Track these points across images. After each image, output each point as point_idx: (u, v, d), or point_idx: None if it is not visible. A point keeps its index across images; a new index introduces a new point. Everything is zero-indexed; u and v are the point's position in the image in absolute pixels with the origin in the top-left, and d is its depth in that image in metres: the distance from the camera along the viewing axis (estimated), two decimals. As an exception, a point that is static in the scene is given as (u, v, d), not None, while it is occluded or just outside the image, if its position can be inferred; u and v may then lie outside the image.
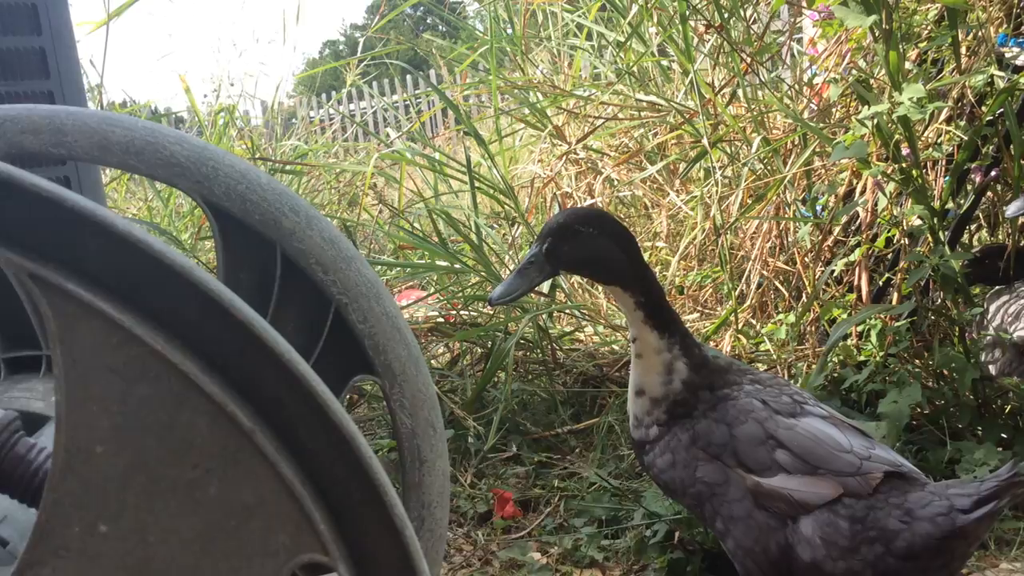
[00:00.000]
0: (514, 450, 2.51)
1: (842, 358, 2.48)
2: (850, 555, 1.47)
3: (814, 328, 2.75)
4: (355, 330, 1.12)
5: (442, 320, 3.17)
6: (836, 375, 2.40)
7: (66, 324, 0.55)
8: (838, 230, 2.79)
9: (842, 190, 2.75)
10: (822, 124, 2.78)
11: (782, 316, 2.87)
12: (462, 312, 3.17)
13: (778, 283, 2.97)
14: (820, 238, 2.81)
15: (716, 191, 3.04)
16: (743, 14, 3.18)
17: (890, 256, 2.59)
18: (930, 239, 2.35)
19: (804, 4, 2.29)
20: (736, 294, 2.97)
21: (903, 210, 2.44)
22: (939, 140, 2.49)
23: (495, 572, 2.03)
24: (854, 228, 2.72)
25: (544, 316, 2.91)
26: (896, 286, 2.54)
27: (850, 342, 2.53)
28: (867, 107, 2.21)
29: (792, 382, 1.71)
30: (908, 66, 2.42)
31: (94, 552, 0.55)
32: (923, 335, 2.48)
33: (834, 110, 2.87)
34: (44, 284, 0.54)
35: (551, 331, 2.98)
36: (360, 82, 5.62)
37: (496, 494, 2.29)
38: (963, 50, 2.45)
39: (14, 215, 0.55)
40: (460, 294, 3.18)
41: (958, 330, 2.40)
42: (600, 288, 3.51)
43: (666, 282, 3.46)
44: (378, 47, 5.03)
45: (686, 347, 1.62)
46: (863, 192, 2.65)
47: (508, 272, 3.07)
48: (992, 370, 2.47)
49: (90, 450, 0.55)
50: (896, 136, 2.28)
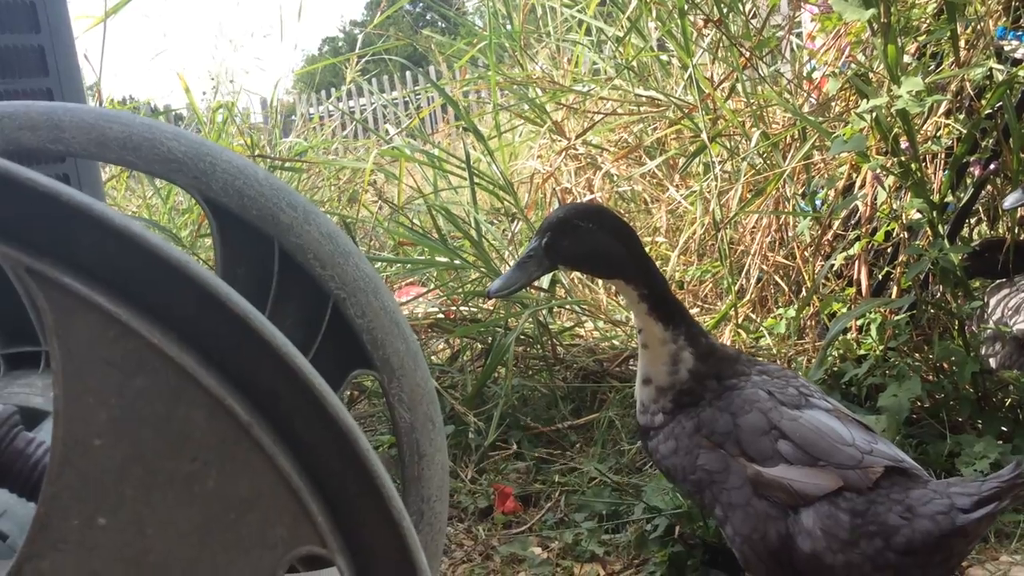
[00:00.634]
0: (515, 446, 2.52)
1: (842, 352, 2.48)
2: (850, 548, 1.48)
3: (814, 322, 2.76)
4: (353, 325, 1.12)
5: (442, 316, 3.17)
6: (836, 369, 2.41)
7: (63, 318, 0.55)
8: (837, 224, 2.79)
9: (841, 184, 2.75)
10: (821, 118, 2.78)
11: (782, 310, 2.87)
12: (462, 308, 3.17)
13: (778, 277, 2.97)
14: (819, 232, 2.81)
15: (715, 186, 3.04)
16: (742, 8, 3.18)
17: (889, 250, 2.59)
18: (929, 233, 2.35)
19: (803, -2, 2.30)
20: (736, 288, 2.97)
21: (902, 204, 2.44)
22: (938, 133, 2.49)
23: (496, 567, 2.03)
24: (853, 222, 2.72)
25: (544, 312, 2.91)
26: (896, 280, 2.54)
27: (850, 336, 2.53)
28: (866, 101, 2.21)
29: (800, 374, 1.71)
30: (907, 60, 2.42)
31: (93, 545, 0.55)
32: (923, 329, 2.48)
33: (833, 104, 2.87)
34: (41, 278, 0.55)
35: (551, 326, 2.98)
36: (359, 79, 5.62)
37: (497, 489, 2.29)
38: (962, 43, 2.45)
39: (10, 210, 0.55)
40: (460, 290, 3.18)
41: (958, 323, 2.40)
42: (600, 283, 3.52)
43: (666, 277, 3.46)
44: (377, 43, 5.03)
45: (691, 337, 1.63)
46: (862, 186, 2.65)
47: (508, 268, 3.08)
48: (992, 363, 2.47)
49: (88, 443, 0.55)
50: (895, 130, 2.28)
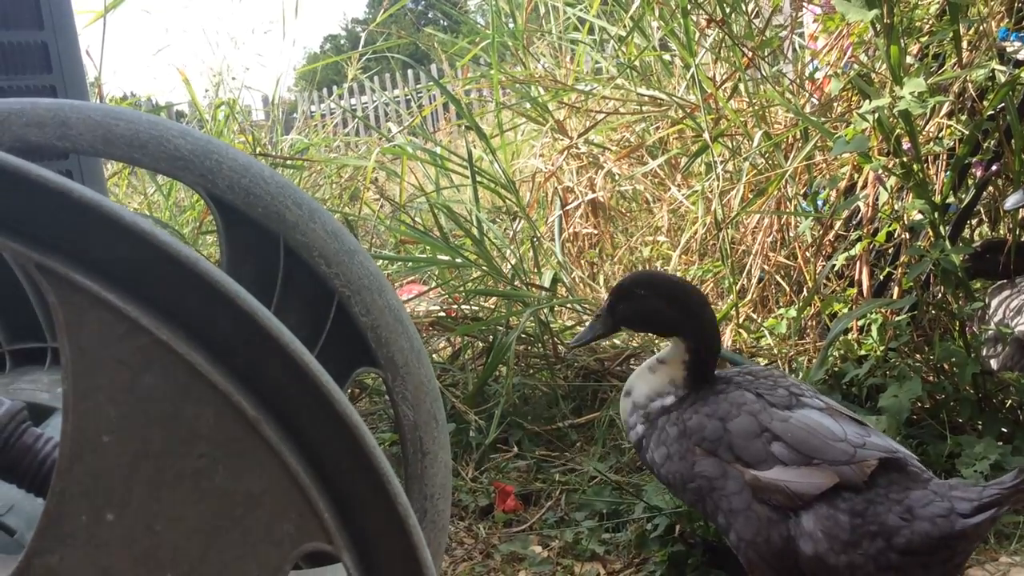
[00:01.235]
0: (515, 445, 2.52)
1: (843, 352, 2.49)
2: (851, 549, 1.49)
3: (815, 322, 2.76)
4: (358, 323, 1.13)
5: (443, 314, 3.17)
6: (837, 369, 2.41)
7: (73, 314, 0.55)
8: (839, 224, 2.79)
9: (843, 184, 2.75)
10: (823, 118, 2.78)
11: (783, 310, 2.87)
12: (463, 306, 3.18)
13: (779, 277, 2.98)
14: (821, 232, 2.81)
15: (717, 185, 3.04)
16: (745, 8, 3.18)
17: (891, 251, 2.59)
18: (931, 233, 2.35)
19: (806, -2, 2.30)
20: (737, 288, 2.98)
21: (904, 204, 2.44)
22: (940, 134, 2.50)
23: (496, 565, 2.03)
24: (855, 222, 2.72)
25: (545, 310, 2.91)
26: (897, 280, 2.54)
27: (851, 336, 2.53)
28: (868, 101, 2.21)
29: (790, 375, 1.74)
30: (909, 60, 2.42)
31: (101, 540, 0.56)
32: (924, 329, 2.48)
33: (835, 104, 2.88)
34: (52, 275, 0.55)
35: (552, 325, 2.98)
36: (361, 76, 5.62)
37: (497, 488, 2.29)
38: (964, 44, 2.45)
39: (21, 207, 0.56)
40: (461, 288, 3.18)
41: (959, 324, 2.41)
42: (602, 283, 3.53)
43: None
44: (379, 41, 5.03)
45: (693, 389, 1.72)
46: (864, 186, 2.65)
47: (509, 266, 3.10)
48: (993, 364, 2.47)
49: (97, 439, 0.55)
50: (897, 130, 2.28)
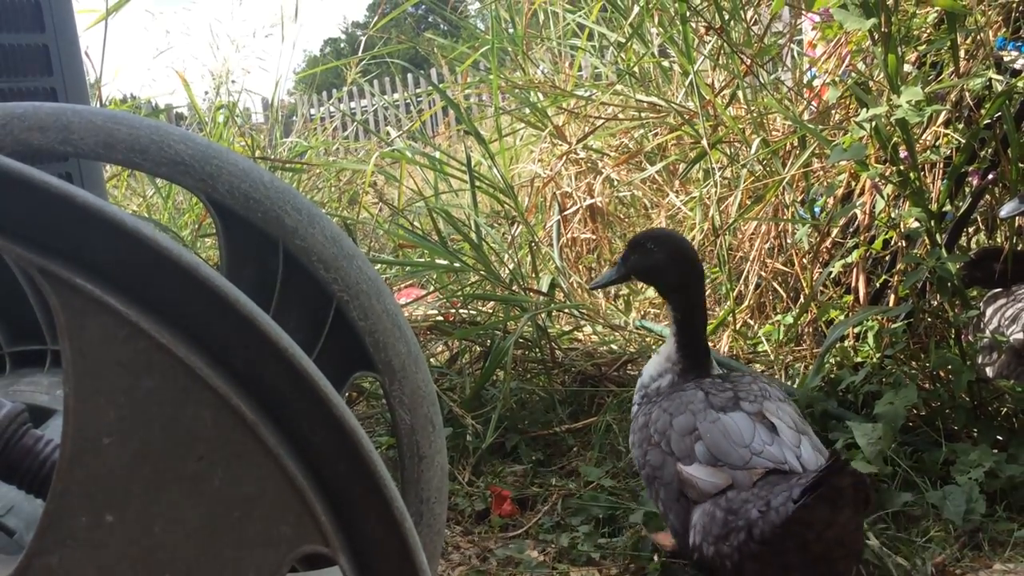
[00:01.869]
0: (512, 449, 2.52)
1: (839, 359, 2.49)
2: (721, 541, 1.63)
3: (811, 329, 2.77)
4: (356, 327, 1.13)
5: (441, 319, 3.18)
6: (833, 376, 2.42)
7: (75, 318, 0.56)
8: (836, 232, 2.80)
9: (840, 192, 2.76)
10: (821, 126, 2.79)
11: (780, 317, 2.88)
12: (461, 311, 3.18)
13: (776, 284, 2.98)
14: (818, 239, 2.82)
15: (715, 192, 3.05)
16: (743, 16, 3.20)
17: (887, 258, 2.60)
18: (927, 241, 2.36)
19: (804, 6, 2.30)
20: (734, 294, 2.98)
21: (901, 212, 2.45)
22: (937, 143, 2.51)
23: (492, 569, 2.04)
24: (852, 230, 2.73)
25: (543, 315, 2.92)
26: (893, 288, 2.55)
27: (847, 343, 2.54)
28: (866, 109, 2.22)
29: (787, 381, 1.79)
30: (907, 69, 2.43)
31: (100, 541, 0.56)
32: (920, 337, 2.49)
33: (833, 112, 2.89)
34: (54, 279, 0.56)
35: (550, 330, 2.99)
36: (361, 80, 5.63)
37: (494, 492, 2.30)
38: (962, 53, 2.46)
39: (25, 211, 0.56)
40: (459, 293, 3.19)
41: (954, 332, 2.41)
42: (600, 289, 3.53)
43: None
44: (379, 45, 5.04)
45: (686, 369, 1.87)
46: (861, 194, 2.66)
47: (507, 271, 3.11)
48: (989, 372, 2.48)
49: (97, 441, 0.56)
50: (894, 138, 2.29)
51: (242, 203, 1.08)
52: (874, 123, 2.23)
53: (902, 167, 2.29)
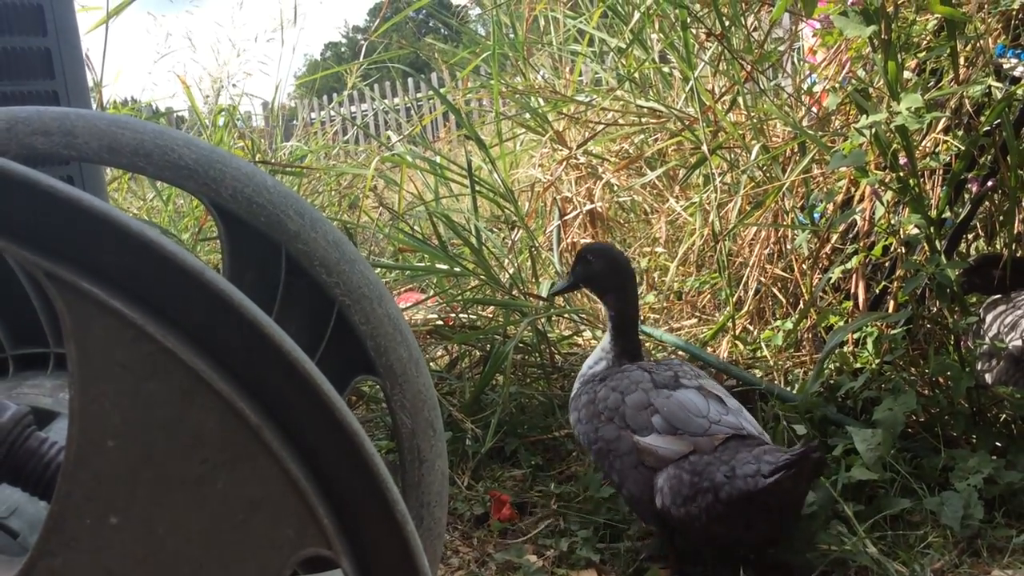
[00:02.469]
0: (512, 454, 2.53)
1: (838, 365, 2.50)
2: (689, 502, 1.77)
3: (811, 335, 2.77)
4: (357, 331, 1.14)
5: (441, 323, 3.18)
6: (832, 382, 2.42)
7: (80, 321, 0.56)
8: (836, 238, 2.81)
9: (840, 198, 2.77)
10: (821, 132, 2.80)
11: (779, 323, 2.89)
12: (461, 315, 3.18)
13: (776, 290, 2.99)
14: (818, 245, 2.83)
15: (715, 197, 3.06)
16: (744, 22, 3.20)
17: (887, 264, 2.61)
18: (927, 248, 2.36)
19: (804, 13, 2.31)
20: (734, 300, 2.99)
21: (900, 219, 2.45)
22: (936, 150, 2.51)
23: (491, 574, 2.04)
24: (851, 236, 2.74)
25: (543, 320, 2.92)
26: (893, 294, 2.55)
27: (846, 349, 2.54)
28: (865, 116, 2.22)
29: (682, 362, 2.10)
30: (907, 76, 2.44)
31: (104, 544, 0.57)
32: (919, 343, 2.49)
33: (833, 119, 2.89)
34: (59, 282, 0.56)
35: (549, 335, 2.99)
36: (361, 84, 5.63)
37: (493, 496, 2.30)
38: (961, 61, 2.47)
39: (30, 215, 0.57)
40: (459, 297, 3.19)
41: (954, 339, 2.42)
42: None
43: (664, 287, 3.48)
44: (380, 50, 5.05)
45: (619, 355, 2.10)
46: (861, 200, 2.66)
47: (507, 276, 3.12)
48: (988, 379, 2.48)
49: (102, 444, 0.56)
50: (894, 145, 2.29)
51: (245, 207, 1.08)
52: (874, 130, 2.23)
53: (902, 173, 2.30)
